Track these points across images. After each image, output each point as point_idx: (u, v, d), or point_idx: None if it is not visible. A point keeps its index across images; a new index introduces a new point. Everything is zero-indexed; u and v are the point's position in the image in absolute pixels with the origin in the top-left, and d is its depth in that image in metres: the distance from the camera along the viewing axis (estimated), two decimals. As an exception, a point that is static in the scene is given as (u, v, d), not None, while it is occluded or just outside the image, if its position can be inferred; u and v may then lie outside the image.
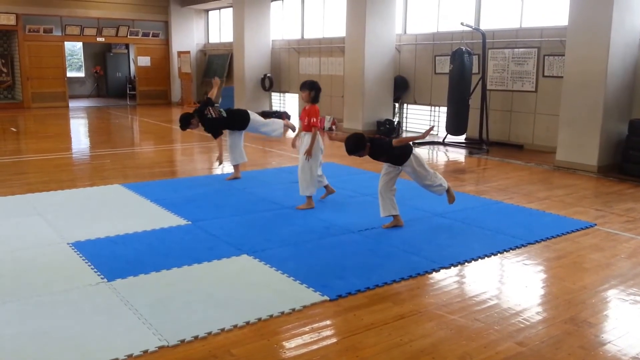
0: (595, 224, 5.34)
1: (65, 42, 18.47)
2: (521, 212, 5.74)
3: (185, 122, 6.89)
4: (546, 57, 9.62)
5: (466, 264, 4.28)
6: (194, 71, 19.40)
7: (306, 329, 3.21)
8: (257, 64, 15.83)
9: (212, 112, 6.86)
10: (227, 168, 7.75)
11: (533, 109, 9.95)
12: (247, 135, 7.41)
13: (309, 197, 5.78)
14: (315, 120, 5.72)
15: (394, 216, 5.08)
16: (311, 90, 5.74)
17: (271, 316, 3.33)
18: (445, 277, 4.02)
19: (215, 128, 6.94)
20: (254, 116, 7.05)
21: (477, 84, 9.94)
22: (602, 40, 7.63)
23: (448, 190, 5.26)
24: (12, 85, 18.61)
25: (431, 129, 5.07)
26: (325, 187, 6.13)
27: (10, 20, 16.78)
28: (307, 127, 5.76)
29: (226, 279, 3.91)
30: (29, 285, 3.74)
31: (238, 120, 6.95)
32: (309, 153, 5.68)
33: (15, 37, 17.42)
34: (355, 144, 4.85)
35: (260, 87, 15.92)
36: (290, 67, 15.63)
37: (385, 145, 4.97)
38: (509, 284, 3.99)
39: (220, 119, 6.89)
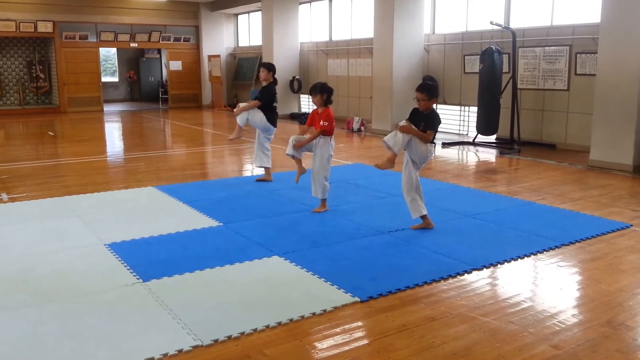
0: (632, 225, 5.22)
1: (100, 48, 18.92)
2: (554, 213, 5.65)
3: (271, 67, 7.03)
4: (578, 55, 9.44)
5: (499, 265, 4.23)
6: (224, 74, 19.63)
7: (337, 330, 3.22)
8: (286, 67, 15.92)
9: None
10: (257, 170, 7.81)
11: (565, 107, 9.77)
12: (276, 137, 7.45)
13: (324, 200, 5.71)
14: (326, 124, 5.46)
15: (423, 218, 5.05)
16: (323, 94, 5.50)
17: (302, 317, 3.35)
18: (477, 279, 3.98)
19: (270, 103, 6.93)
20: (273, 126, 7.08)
21: (508, 83, 9.81)
22: (635, 39, 7.44)
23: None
24: (49, 91, 19.15)
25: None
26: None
27: (48, 27, 17.26)
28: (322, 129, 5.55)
29: (258, 279, 3.95)
30: (67, 286, 3.84)
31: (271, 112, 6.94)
32: (299, 145, 5.50)
33: (52, 44, 17.92)
34: (435, 88, 4.97)
35: (289, 89, 16.02)
36: (319, 69, 15.68)
37: (435, 118, 4.93)
38: (543, 286, 3.93)
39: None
